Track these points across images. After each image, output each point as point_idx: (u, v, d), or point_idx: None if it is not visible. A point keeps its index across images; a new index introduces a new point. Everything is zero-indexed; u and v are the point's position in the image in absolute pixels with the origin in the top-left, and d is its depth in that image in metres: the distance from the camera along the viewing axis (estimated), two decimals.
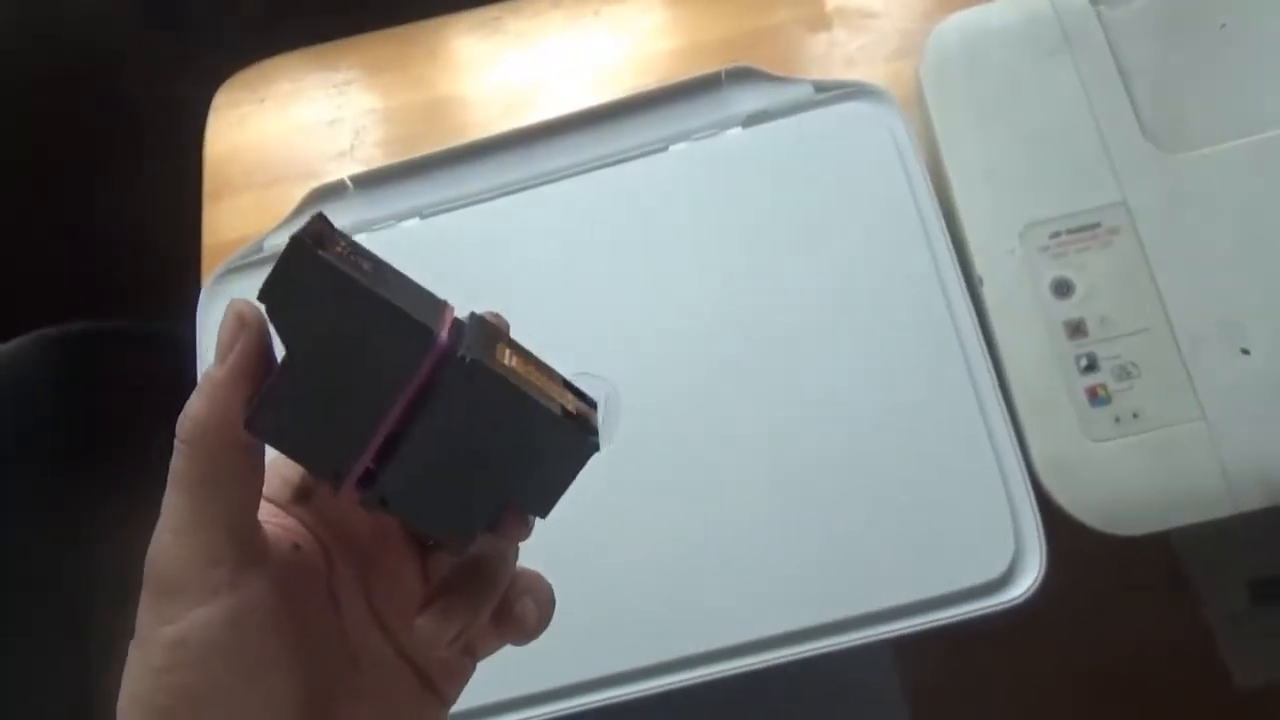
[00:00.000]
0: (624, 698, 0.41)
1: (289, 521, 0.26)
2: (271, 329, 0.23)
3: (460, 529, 0.24)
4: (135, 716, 0.22)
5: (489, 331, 0.24)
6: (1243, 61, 0.45)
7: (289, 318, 0.22)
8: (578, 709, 0.41)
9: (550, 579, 0.41)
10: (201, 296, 0.50)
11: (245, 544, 0.23)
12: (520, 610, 0.26)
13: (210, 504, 0.23)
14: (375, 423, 0.22)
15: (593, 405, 0.24)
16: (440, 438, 0.23)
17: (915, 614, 0.41)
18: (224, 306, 0.50)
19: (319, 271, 0.21)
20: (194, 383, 0.48)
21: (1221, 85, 0.45)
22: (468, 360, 0.22)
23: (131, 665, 0.23)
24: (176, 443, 0.23)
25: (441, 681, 0.28)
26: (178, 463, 0.23)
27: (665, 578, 0.42)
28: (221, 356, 0.23)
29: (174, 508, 0.23)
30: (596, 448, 0.23)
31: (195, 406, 0.23)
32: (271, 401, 0.22)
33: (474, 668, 0.28)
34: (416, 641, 0.26)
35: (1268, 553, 0.48)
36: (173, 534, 0.23)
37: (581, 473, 0.24)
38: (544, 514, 0.24)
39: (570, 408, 0.23)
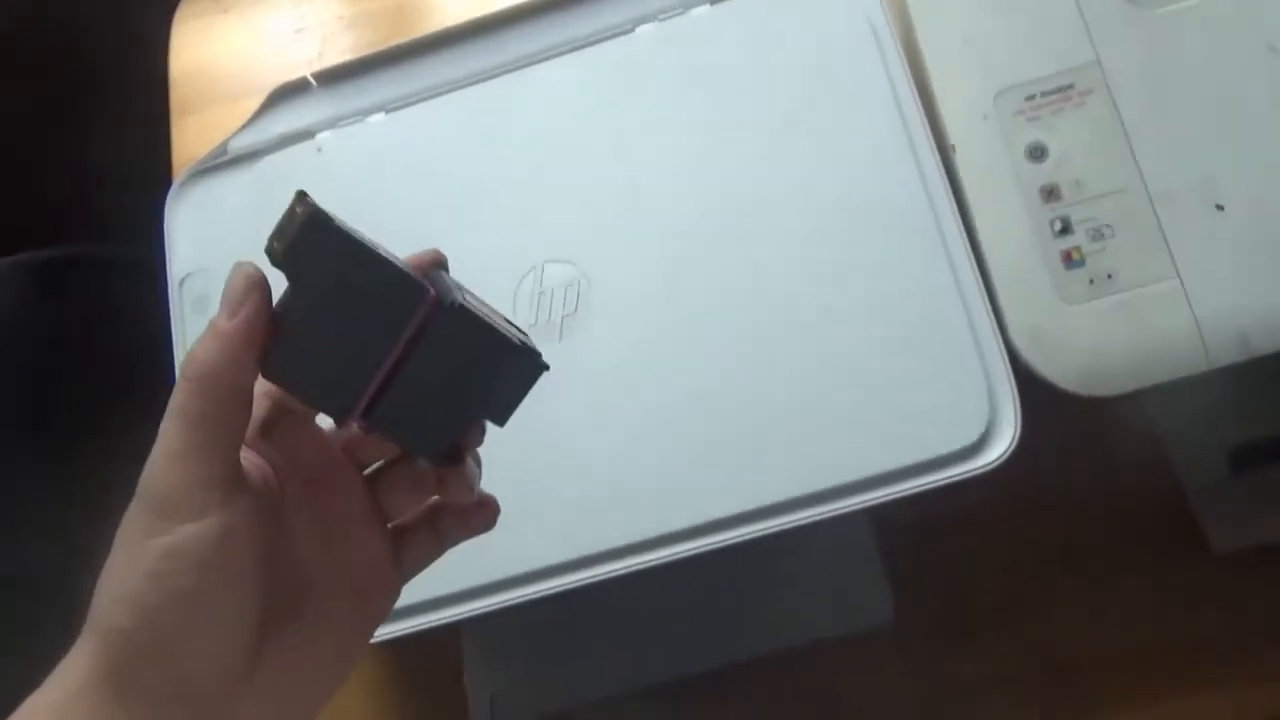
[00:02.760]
0: (595, 578, 0.41)
1: (252, 455, 0.28)
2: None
3: (438, 441, 0.29)
4: (124, 615, 0.25)
5: (453, 283, 0.28)
6: None
7: (304, 278, 0.26)
8: (558, 588, 0.41)
9: (533, 462, 0.42)
10: (169, 198, 0.50)
11: (234, 472, 0.27)
12: (489, 499, 0.31)
13: (208, 436, 0.26)
14: (377, 364, 0.27)
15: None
16: (426, 370, 0.27)
17: (890, 483, 0.41)
18: (190, 208, 0.50)
19: (336, 239, 0.25)
20: (165, 305, 0.48)
21: None
22: (456, 306, 0.26)
23: (118, 571, 0.26)
24: (181, 380, 0.26)
25: (376, 596, 0.31)
26: (181, 398, 0.26)
27: (638, 457, 0.42)
28: (231, 310, 0.26)
29: (172, 435, 0.26)
30: (546, 367, 0.28)
31: (204, 351, 0.26)
32: (286, 350, 0.26)
33: (403, 584, 0.32)
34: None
35: (1247, 418, 0.49)
36: (169, 459, 0.26)
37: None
38: (502, 424, 0.29)
39: (523, 338, 0.28)
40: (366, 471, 0.31)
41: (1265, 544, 0.47)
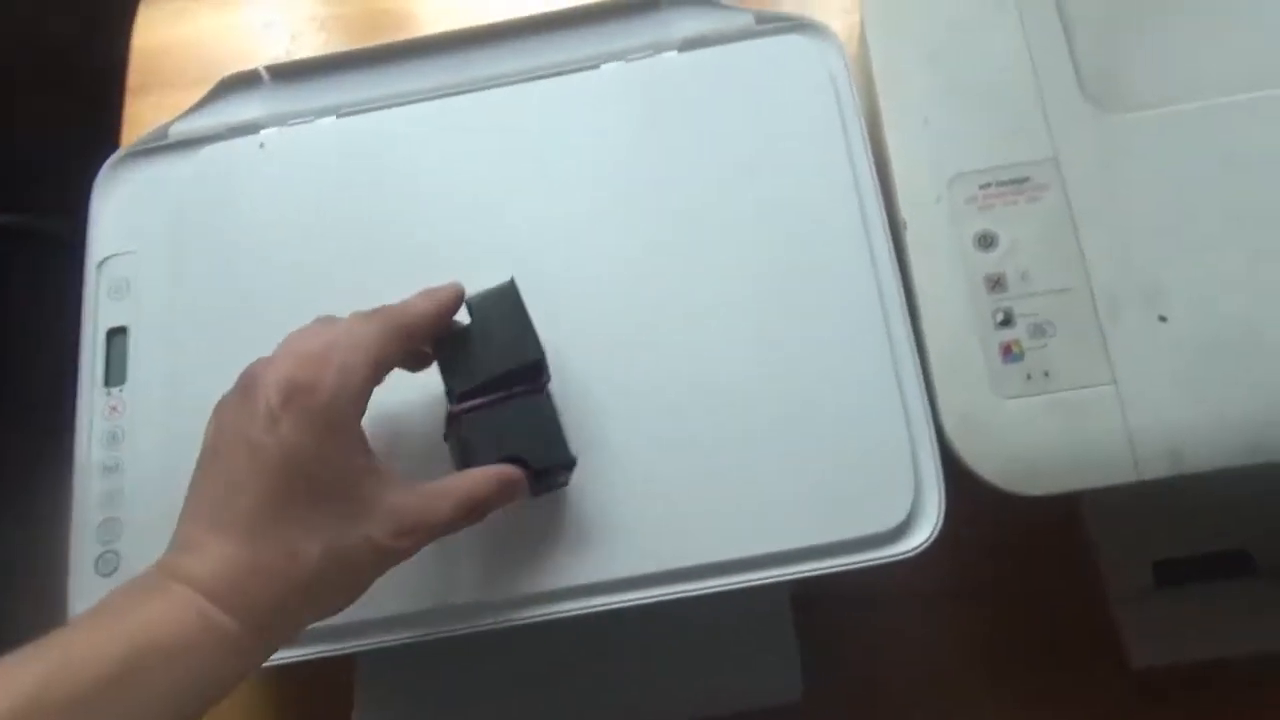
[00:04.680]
0: (499, 625, 0.39)
1: None
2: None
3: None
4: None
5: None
6: (1189, 24, 0.44)
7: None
8: (460, 631, 0.40)
9: None
10: (99, 176, 0.48)
11: None
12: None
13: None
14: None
15: None
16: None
17: (805, 559, 0.39)
18: (122, 189, 0.48)
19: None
20: (80, 276, 0.46)
21: (1165, 47, 0.44)
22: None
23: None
24: None
25: None
26: None
27: (555, 506, 0.41)
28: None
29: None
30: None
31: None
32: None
33: None
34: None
35: (1174, 533, 0.48)
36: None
37: None
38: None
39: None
40: None
41: (1182, 662, 0.46)
